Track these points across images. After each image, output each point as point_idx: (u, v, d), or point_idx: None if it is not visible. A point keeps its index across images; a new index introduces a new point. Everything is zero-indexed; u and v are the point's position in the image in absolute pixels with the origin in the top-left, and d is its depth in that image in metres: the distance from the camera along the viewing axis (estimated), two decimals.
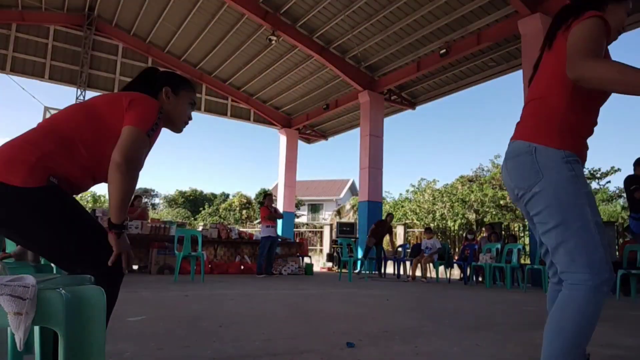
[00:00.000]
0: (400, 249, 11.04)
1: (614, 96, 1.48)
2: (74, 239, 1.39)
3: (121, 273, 1.45)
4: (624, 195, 17.66)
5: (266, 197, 9.25)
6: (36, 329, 1.16)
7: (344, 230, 13.92)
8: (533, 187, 1.39)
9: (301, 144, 17.23)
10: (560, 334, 1.36)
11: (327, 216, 29.42)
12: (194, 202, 35.70)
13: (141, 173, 1.58)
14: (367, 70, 12.58)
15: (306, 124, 16.22)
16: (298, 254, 10.77)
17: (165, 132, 1.87)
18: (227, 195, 36.12)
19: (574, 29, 1.37)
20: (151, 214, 25.80)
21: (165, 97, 1.74)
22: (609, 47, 1.47)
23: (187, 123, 1.84)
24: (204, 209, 32.63)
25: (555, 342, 1.36)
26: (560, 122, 1.43)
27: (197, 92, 1.92)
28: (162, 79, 1.79)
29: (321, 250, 17.62)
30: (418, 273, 9.23)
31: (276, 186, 18.53)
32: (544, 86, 1.47)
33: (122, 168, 1.41)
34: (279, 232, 11.24)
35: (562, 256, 1.37)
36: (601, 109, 1.50)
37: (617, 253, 8.66)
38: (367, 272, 10.07)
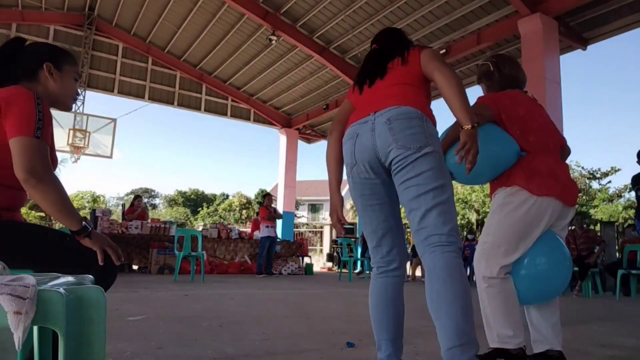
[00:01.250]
0: None
1: (617, 95, 1.53)
2: (51, 257, 1.39)
3: (113, 272, 1.45)
4: (624, 195, 17.64)
5: (265, 197, 9.26)
6: (35, 329, 1.16)
7: (344, 230, 13.92)
8: (424, 148, 1.41)
9: (301, 144, 17.23)
10: (456, 301, 1.32)
11: (327, 216, 29.41)
12: (194, 202, 35.73)
13: (141, 173, 1.57)
14: None
15: (306, 124, 16.23)
16: (298, 254, 10.78)
17: (164, 132, 1.85)
18: (227, 196, 36.15)
19: (426, 51, 1.66)
20: (151, 214, 25.81)
21: (48, 74, 1.52)
22: None
23: (76, 99, 1.68)
24: (202, 209, 32.65)
25: (456, 312, 1.30)
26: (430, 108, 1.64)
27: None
28: (38, 53, 1.55)
29: (321, 250, 17.63)
30: (418, 273, 9.23)
31: (276, 186, 18.52)
32: (410, 79, 1.62)
33: (31, 183, 1.31)
34: (279, 232, 11.25)
35: (434, 218, 1.38)
36: (602, 109, 1.59)
37: (617, 253, 8.65)
38: (368, 272, 10.06)
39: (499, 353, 1.85)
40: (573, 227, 6.83)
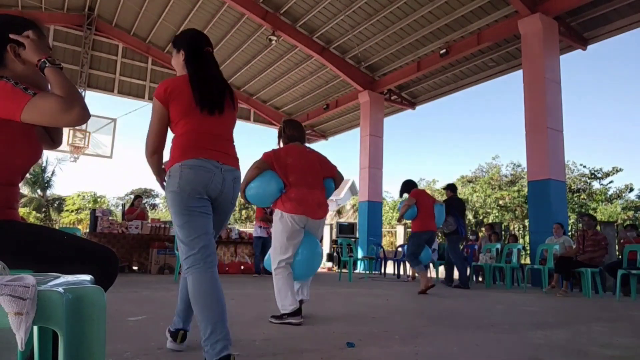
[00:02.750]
0: (400, 249, 11.04)
1: (618, 95, 1.48)
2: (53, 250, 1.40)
3: (114, 272, 1.45)
4: (625, 195, 17.61)
5: None
6: (35, 328, 1.16)
7: (344, 230, 13.92)
8: (235, 204, 2.13)
9: None
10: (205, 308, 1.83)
11: (327, 216, 29.37)
12: None
13: (142, 173, 1.57)
14: (367, 70, 12.59)
15: (306, 124, 16.22)
16: None
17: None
18: None
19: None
20: (151, 214, 25.79)
21: (13, 56, 1.37)
22: None
23: None
24: None
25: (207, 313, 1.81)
26: None
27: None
28: None
29: None
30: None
31: None
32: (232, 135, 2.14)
33: (73, 111, 1.27)
34: None
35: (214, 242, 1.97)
36: (602, 108, 1.53)
37: (617, 253, 8.65)
38: (368, 272, 10.06)
39: (285, 315, 3.04)
40: (583, 228, 6.73)
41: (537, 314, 4.08)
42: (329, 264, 14.17)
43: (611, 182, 17.58)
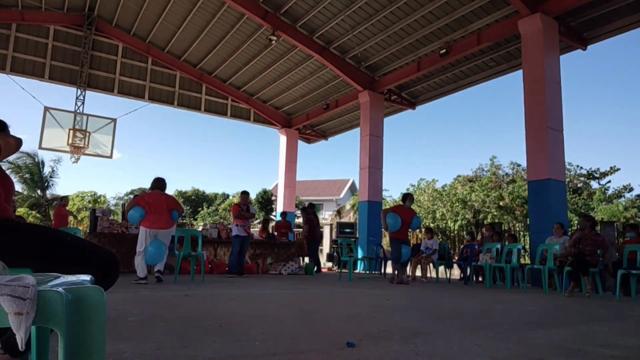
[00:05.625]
0: None
1: (617, 95, 1.46)
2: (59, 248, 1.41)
3: (114, 272, 1.46)
4: (625, 195, 17.59)
5: (241, 195, 8.96)
6: (33, 328, 1.16)
7: (344, 230, 13.91)
8: None
9: (301, 144, 17.22)
10: None
11: (327, 216, 29.39)
12: (195, 202, 35.69)
13: (141, 173, 1.59)
14: (367, 70, 12.58)
15: (306, 124, 16.22)
16: (297, 254, 10.78)
17: (164, 132, 1.83)
18: (228, 196, 36.12)
19: None
20: None
21: None
22: None
23: None
24: (202, 209, 32.71)
25: None
26: None
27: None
28: None
29: (321, 250, 17.60)
30: (418, 273, 9.22)
31: (276, 186, 18.52)
32: None
33: None
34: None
35: None
36: (602, 108, 1.50)
37: (617, 253, 8.64)
38: (367, 271, 10.06)
39: (139, 279, 5.97)
40: (583, 230, 6.62)
41: (537, 314, 4.08)
42: (329, 264, 14.17)
43: (609, 182, 17.54)
